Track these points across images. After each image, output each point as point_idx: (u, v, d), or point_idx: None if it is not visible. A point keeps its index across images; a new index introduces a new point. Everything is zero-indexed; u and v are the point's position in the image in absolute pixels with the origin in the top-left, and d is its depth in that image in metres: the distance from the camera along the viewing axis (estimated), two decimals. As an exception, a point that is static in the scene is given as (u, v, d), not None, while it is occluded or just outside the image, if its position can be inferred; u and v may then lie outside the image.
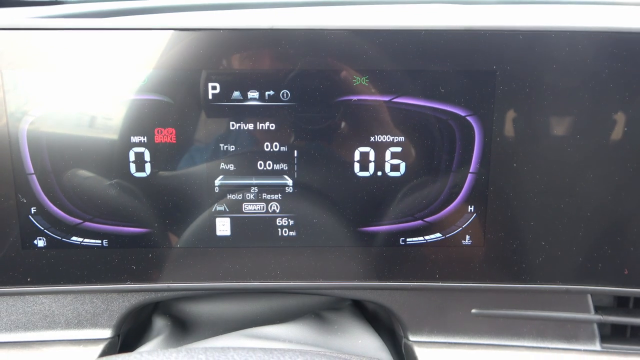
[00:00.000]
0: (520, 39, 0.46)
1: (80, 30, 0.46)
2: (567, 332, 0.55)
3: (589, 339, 0.55)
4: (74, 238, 0.50)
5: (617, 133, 0.48)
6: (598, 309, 0.55)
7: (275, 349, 0.36)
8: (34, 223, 0.49)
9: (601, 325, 0.56)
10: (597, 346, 0.55)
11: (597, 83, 0.47)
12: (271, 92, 0.47)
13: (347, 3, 0.67)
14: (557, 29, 0.46)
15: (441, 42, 0.46)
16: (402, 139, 0.48)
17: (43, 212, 0.49)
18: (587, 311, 0.54)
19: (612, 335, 0.57)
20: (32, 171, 0.48)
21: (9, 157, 0.48)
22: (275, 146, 0.49)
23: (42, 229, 0.49)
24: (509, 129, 0.48)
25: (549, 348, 0.55)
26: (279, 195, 0.50)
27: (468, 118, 0.48)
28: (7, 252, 0.50)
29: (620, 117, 0.48)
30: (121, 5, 0.64)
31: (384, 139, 0.48)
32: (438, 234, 0.51)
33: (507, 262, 0.51)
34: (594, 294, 0.54)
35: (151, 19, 0.54)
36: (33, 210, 0.49)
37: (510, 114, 0.48)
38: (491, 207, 0.50)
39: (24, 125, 0.47)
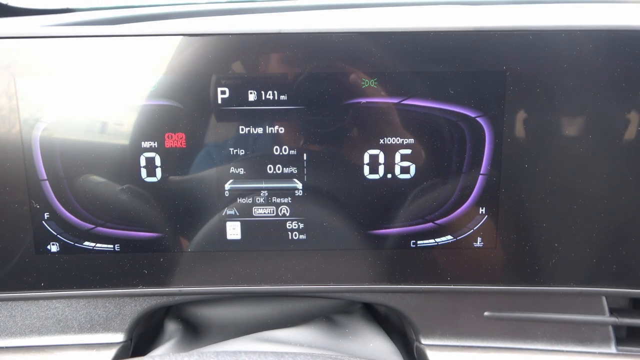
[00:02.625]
0: (530, 38, 0.45)
1: (91, 38, 0.46)
2: (582, 334, 0.54)
3: (604, 341, 0.54)
4: (86, 243, 0.50)
5: (630, 132, 0.47)
6: (613, 311, 0.54)
7: (287, 353, 0.36)
8: (47, 228, 0.50)
9: (616, 327, 0.55)
10: (613, 349, 0.54)
11: (609, 82, 0.46)
12: (280, 96, 0.47)
13: (355, 6, 0.67)
14: (567, 28, 0.45)
15: (450, 43, 0.46)
16: (411, 141, 0.48)
17: (56, 217, 0.50)
18: (602, 313, 0.54)
19: (628, 337, 0.56)
20: (45, 177, 0.49)
21: (22, 163, 0.48)
22: (285, 150, 0.49)
23: (55, 234, 0.50)
24: (519, 130, 0.47)
25: (563, 351, 0.54)
26: (289, 198, 0.50)
27: (478, 119, 0.47)
28: (21, 258, 0.50)
29: (633, 117, 0.47)
30: (131, 12, 0.64)
31: (394, 141, 0.48)
32: (449, 237, 0.50)
33: (519, 264, 0.51)
34: (608, 296, 0.53)
35: (160, 25, 0.55)
36: (46, 215, 0.49)
37: (521, 115, 0.47)
38: (503, 209, 0.49)
39: (37, 132, 0.48)
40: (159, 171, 0.49)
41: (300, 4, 0.67)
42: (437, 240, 0.50)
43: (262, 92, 0.47)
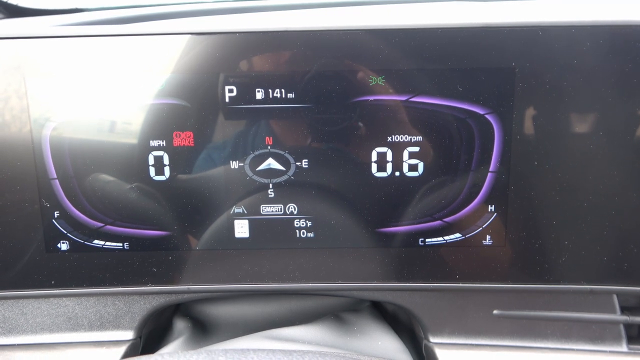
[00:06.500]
0: (539, 34, 0.45)
1: (100, 37, 0.46)
2: (593, 333, 0.54)
3: (615, 340, 0.54)
4: (95, 241, 0.51)
5: (641, 129, 0.47)
6: (624, 310, 0.54)
7: (295, 351, 0.36)
8: (57, 227, 0.50)
9: (628, 326, 0.54)
10: (624, 347, 0.54)
11: (620, 78, 0.46)
12: (287, 94, 0.47)
13: (362, 3, 0.67)
14: (577, 24, 0.45)
15: (458, 40, 0.45)
16: (419, 138, 0.48)
17: (66, 216, 0.50)
18: (613, 312, 0.53)
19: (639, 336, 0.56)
20: (55, 176, 0.49)
21: (32, 162, 0.49)
22: (292, 148, 0.49)
23: (65, 232, 0.50)
24: (529, 127, 0.47)
25: (573, 349, 0.54)
26: (297, 196, 0.50)
27: (487, 116, 0.47)
28: (32, 256, 0.51)
29: (644, 113, 0.46)
30: (139, 11, 0.65)
31: (402, 139, 0.48)
32: (458, 234, 0.50)
33: (529, 262, 0.50)
34: (619, 294, 0.53)
35: (168, 25, 0.55)
36: (56, 214, 0.50)
37: (530, 112, 0.47)
38: (512, 207, 0.49)
39: (47, 131, 0.48)
40: (167, 170, 0.49)
41: (308, 2, 0.67)
42: (446, 238, 0.50)
43: (270, 90, 0.47)
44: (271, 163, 0.49)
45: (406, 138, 0.48)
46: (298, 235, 0.51)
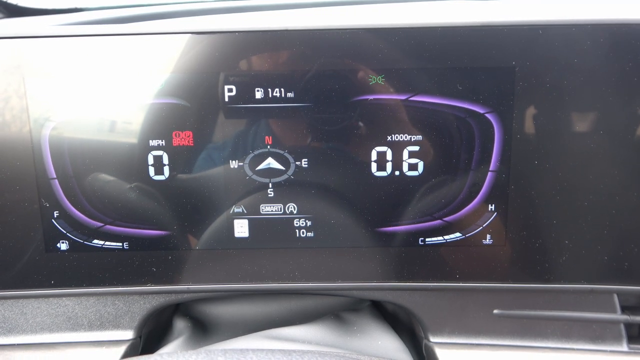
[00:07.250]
0: (539, 33, 0.45)
1: (99, 37, 0.46)
2: (593, 332, 0.54)
3: (616, 339, 0.54)
4: (95, 241, 0.51)
5: (642, 128, 0.47)
6: (625, 309, 0.53)
7: (295, 350, 0.36)
8: (56, 227, 0.50)
9: (628, 325, 0.54)
10: (624, 347, 0.53)
11: (620, 77, 0.45)
12: (287, 93, 0.47)
13: (361, 2, 0.67)
14: (577, 22, 0.45)
15: (458, 39, 0.45)
16: (419, 137, 0.48)
17: (65, 216, 0.50)
18: (614, 311, 0.53)
19: (640, 335, 0.56)
20: (54, 176, 0.49)
21: (32, 162, 0.49)
22: (292, 147, 0.49)
23: (65, 232, 0.50)
24: (529, 126, 0.47)
25: (574, 349, 0.54)
26: (296, 196, 0.50)
27: (487, 115, 0.47)
28: (32, 256, 0.51)
29: (645, 112, 0.46)
30: (139, 11, 0.65)
31: (401, 138, 0.48)
32: (458, 234, 0.50)
33: (529, 261, 0.50)
34: (620, 294, 0.53)
35: (168, 24, 0.55)
36: (56, 214, 0.50)
37: (531, 111, 0.47)
38: (512, 206, 0.49)
39: (46, 131, 0.48)
40: (166, 169, 0.49)
41: (307, 1, 0.67)
42: (446, 237, 0.50)
43: (269, 89, 0.47)
44: (271, 162, 0.49)
45: (406, 137, 0.48)
46: (298, 235, 0.51)
